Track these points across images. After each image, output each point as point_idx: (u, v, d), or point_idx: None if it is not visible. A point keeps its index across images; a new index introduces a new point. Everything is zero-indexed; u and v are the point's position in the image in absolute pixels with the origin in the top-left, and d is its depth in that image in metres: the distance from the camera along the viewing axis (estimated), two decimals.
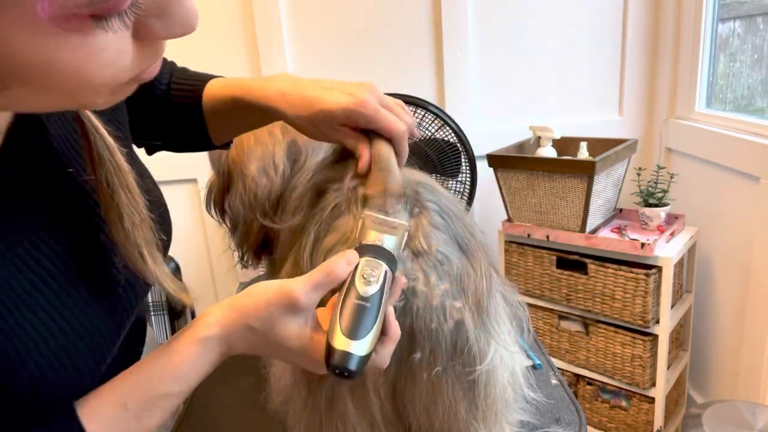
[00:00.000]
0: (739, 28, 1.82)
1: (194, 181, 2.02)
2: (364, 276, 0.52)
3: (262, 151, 0.97)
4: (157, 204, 0.60)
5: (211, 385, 0.99)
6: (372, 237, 0.56)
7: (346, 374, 0.48)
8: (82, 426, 0.48)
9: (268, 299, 0.51)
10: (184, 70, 0.81)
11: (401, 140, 0.64)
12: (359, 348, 0.48)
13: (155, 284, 0.56)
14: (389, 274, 0.53)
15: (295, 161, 1.00)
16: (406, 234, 0.58)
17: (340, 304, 0.51)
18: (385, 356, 0.53)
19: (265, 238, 1.01)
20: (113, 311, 0.55)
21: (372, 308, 0.50)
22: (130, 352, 0.68)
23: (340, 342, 0.48)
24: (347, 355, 0.48)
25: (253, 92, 0.70)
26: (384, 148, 0.63)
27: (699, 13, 1.85)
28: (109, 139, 0.52)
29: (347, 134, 0.66)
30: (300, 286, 0.51)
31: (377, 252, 0.54)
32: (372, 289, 0.51)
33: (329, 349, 0.49)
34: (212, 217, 1.07)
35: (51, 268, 0.50)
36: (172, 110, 0.77)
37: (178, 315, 1.99)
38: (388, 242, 0.56)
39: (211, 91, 0.76)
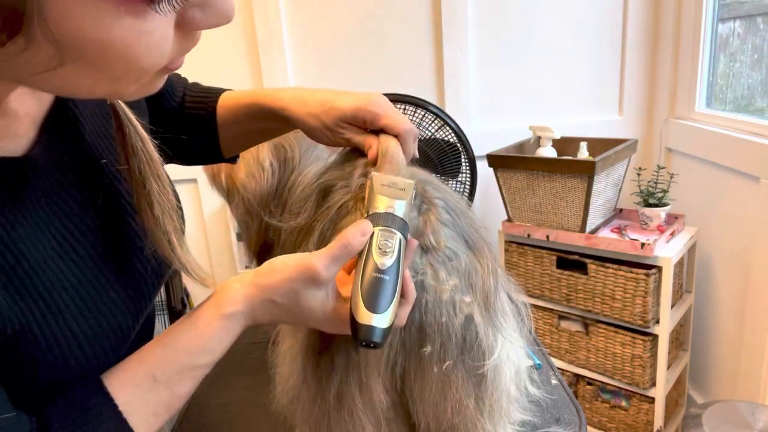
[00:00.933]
0: (739, 28, 1.82)
1: (194, 181, 2.02)
2: (380, 247, 0.53)
3: (247, 158, 1.02)
4: (175, 194, 0.63)
5: (211, 385, 0.99)
6: (383, 204, 0.56)
7: (372, 345, 0.50)
8: (111, 397, 0.50)
9: (290, 275, 0.52)
10: (196, 84, 0.84)
11: (408, 137, 0.67)
12: (382, 320, 0.50)
13: (182, 270, 0.58)
14: (403, 241, 0.54)
15: (285, 160, 1.02)
16: (414, 192, 0.59)
17: (360, 276, 0.52)
18: (403, 318, 0.55)
19: (264, 240, 1.04)
20: (136, 295, 0.57)
21: (390, 279, 0.52)
22: (140, 341, 0.70)
23: (364, 316, 0.50)
24: (372, 328, 0.50)
25: (269, 97, 0.73)
26: (391, 142, 0.65)
27: (699, 13, 1.85)
28: (142, 131, 0.55)
29: (354, 131, 0.68)
30: (320, 260, 0.52)
31: (390, 220, 0.55)
32: (389, 261, 0.52)
33: (354, 324, 0.50)
34: (219, 194, 1.12)
35: (83, 252, 0.52)
36: (185, 122, 0.79)
37: (178, 315, 1.99)
38: (399, 207, 0.56)
39: (225, 101, 0.79)
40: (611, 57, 2.02)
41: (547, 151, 1.81)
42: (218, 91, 0.81)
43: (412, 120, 1.84)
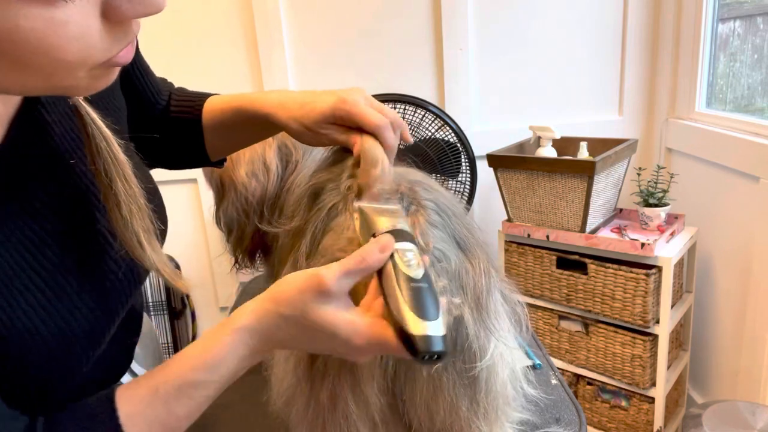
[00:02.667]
0: (739, 28, 1.82)
1: (194, 181, 2.02)
2: (405, 261, 0.51)
3: (251, 155, 1.00)
4: (153, 193, 0.63)
5: None
6: (386, 223, 0.55)
7: (436, 357, 0.47)
8: (115, 407, 0.50)
9: (299, 286, 0.51)
10: (182, 89, 0.84)
11: (382, 132, 0.66)
12: (438, 328, 0.48)
13: (153, 270, 0.57)
14: (419, 253, 0.54)
15: (288, 162, 1.01)
16: (403, 211, 0.58)
17: (398, 291, 0.50)
18: None
19: (262, 242, 1.03)
20: (109, 297, 0.57)
21: (429, 287, 0.50)
22: (124, 340, 0.70)
23: (419, 327, 0.47)
24: (431, 338, 0.47)
25: (252, 102, 0.73)
26: (369, 141, 0.65)
27: (699, 13, 1.85)
28: (106, 131, 0.54)
29: (336, 131, 0.68)
30: (330, 273, 0.51)
31: (402, 236, 0.54)
32: (420, 271, 0.51)
33: (409, 339, 0.48)
34: (220, 229, 1.10)
35: (48, 252, 0.52)
36: (171, 127, 0.80)
37: (178, 315, 2.00)
38: (401, 224, 0.56)
39: (211, 105, 0.79)
40: (611, 57, 2.02)
41: (547, 151, 1.81)
42: (204, 96, 0.81)
43: (412, 120, 1.84)
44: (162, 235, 0.67)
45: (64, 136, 0.57)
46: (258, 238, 1.02)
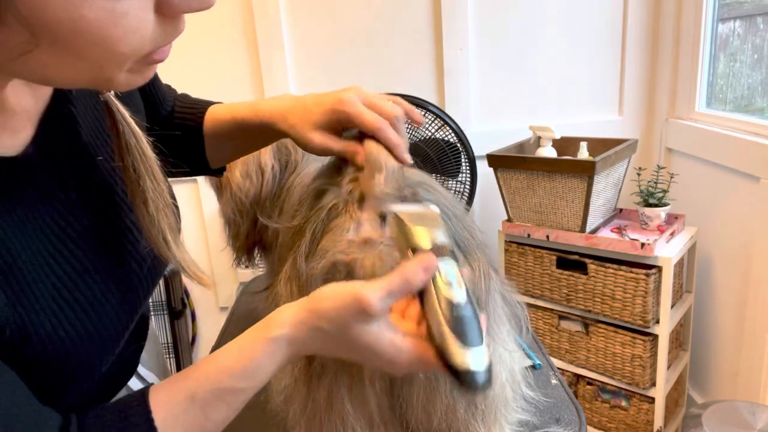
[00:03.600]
0: (739, 28, 1.82)
1: (194, 180, 2.02)
2: (446, 282, 0.49)
3: (247, 158, 1.00)
4: (171, 191, 0.63)
5: None
6: (425, 236, 0.52)
7: (481, 389, 0.46)
8: (150, 412, 0.49)
9: (342, 303, 0.49)
10: (185, 95, 0.84)
11: (383, 133, 0.65)
12: (480, 359, 0.46)
13: (179, 267, 0.57)
14: (458, 269, 0.52)
15: (287, 162, 1.02)
16: (441, 215, 0.56)
17: (440, 317, 0.48)
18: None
19: (259, 240, 1.04)
20: (131, 296, 0.57)
21: (471, 313, 0.48)
22: (133, 343, 0.69)
23: (462, 359, 0.46)
24: (473, 374, 0.46)
25: (252, 112, 0.72)
26: (372, 146, 0.63)
27: (699, 13, 1.85)
28: (136, 128, 0.55)
29: (332, 140, 0.67)
30: (374, 293, 0.49)
31: (442, 252, 0.52)
32: (462, 294, 0.49)
33: (454, 371, 0.46)
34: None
35: (76, 250, 0.52)
36: (170, 136, 0.79)
37: (178, 315, 1.99)
38: (441, 236, 0.53)
39: (213, 114, 0.78)
40: (611, 57, 2.02)
41: (547, 151, 1.81)
42: (206, 104, 0.80)
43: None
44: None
45: (92, 133, 0.57)
46: (253, 237, 1.03)
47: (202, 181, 1.98)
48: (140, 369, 0.78)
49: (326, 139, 0.67)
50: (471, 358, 0.46)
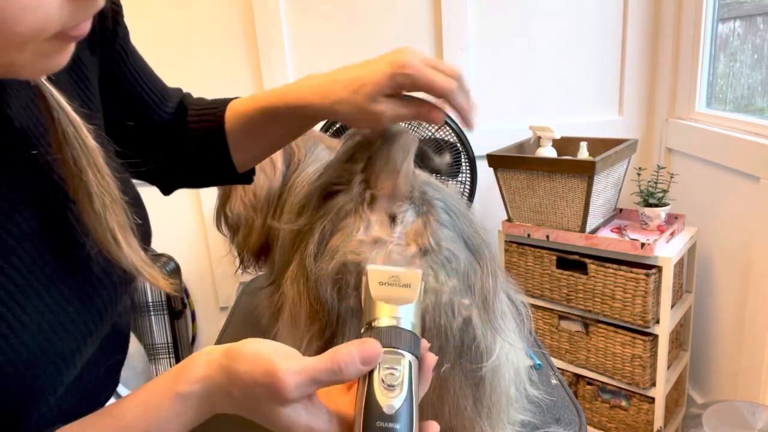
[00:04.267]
0: (739, 28, 1.82)
1: None
2: (384, 380, 0.41)
3: None
4: (126, 185, 0.56)
5: None
6: (385, 314, 0.44)
7: None
8: None
9: (256, 377, 0.42)
10: (200, 99, 0.76)
11: (455, 96, 0.59)
12: None
13: (130, 270, 0.51)
14: (414, 363, 0.42)
15: (290, 161, 1.00)
16: (423, 285, 0.47)
17: (360, 425, 0.40)
18: None
19: (265, 240, 1.02)
20: (91, 299, 0.52)
21: (402, 429, 0.40)
22: (106, 361, 0.63)
23: None
24: None
25: (285, 96, 0.64)
26: (394, 148, 0.61)
27: (699, 13, 1.85)
28: (74, 115, 0.49)
29: (399, 104, 0.60)
30: (293, 376, 0.41)
31: (395, 338, 0.43)
32: (397, 401, 0.40)
33: None
34: (220, 231, 1.07)
35: (22, 255, 0.47)
36: (190, 141, 0.72)
37: (178, 315, 1.99)
38: (406, 315, 0.44)
39: (235, 109, 0.71)
40: (611, 57, 2.02)
41: (547, 151, 1.81)
42: (224, 102, 0.72)
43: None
44: (144, 233, 0.60)
45: (27, 124, 0.51)
46: (264, 237, 0.99)
47: None
48: (121, 389, 0.71)
49: (397, 107, 0.60)
50: None
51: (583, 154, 1.76)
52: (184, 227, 2.09)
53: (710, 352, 1.85)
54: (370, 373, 0.41)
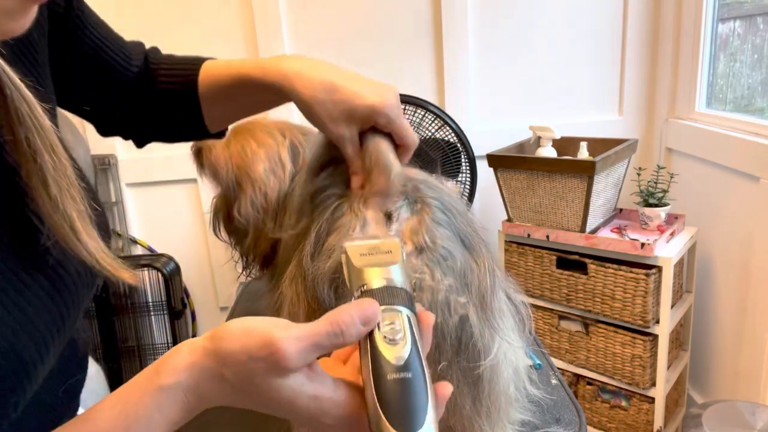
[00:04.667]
0: (739, 28, 1.82)
1: (194, 181, 2.02)
2: (387, 336, 0.39)
3: (267, 152, 0.96)
4: (80, 171, 0.52)
5: None
6: (375, 276, 0.43)
7: None
8: None
9: (248, 349, 0.39)
10: (170, 55, 0.75)
11: (410, 151, 0.63)
12: None
13: (90, 261, 0.46)
14: (413, 318, 0.41)
15: (294, 163, 1.00)
16: (403, 249, 0.46)
17: (373, 385, 0.38)
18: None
19: (275, 244, 0.99)
20: (48, 301, 0.46)
21: (415, 377, 0.38)
22: (65, 379, 0.57)
23: None
24: None
25: (266, 70, 0.64)
26: (383, 146, 0.62)
27: (699, 13, 1.85)
28: (28, 93, 0.45)
29: (356, 144, 0.62)
30: (293, 343, 0.38)
31: (389, 295, 0.42)
32: (405, 351, 0.38)
33: None
34: (218, 237, 1.05)
35: None
36: (161, 97, 0.71)
37: (178, 315, 1.99)
38: (396, 274, 0.43)
39: (209, 71, 0.70)
40: (611, 57, 2.02)
41: (547, 151, 1.81)
42: (197, 61, 0.71)
43: (412, 120, 1.84)
44: (102, 224, 0.54)
45: None
46: (274, 241, 0.97)
47: (202, 182, 1.98)
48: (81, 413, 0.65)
49: (356, 141, 0.62)
50: None
51: (583, 154, 1.76)
52: (184, 227, 2.09)
53: (710, 352, 1.85)
54: (371, 334, 0.40)
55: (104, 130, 0.74)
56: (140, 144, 0.78)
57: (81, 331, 0.61)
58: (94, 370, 0.68)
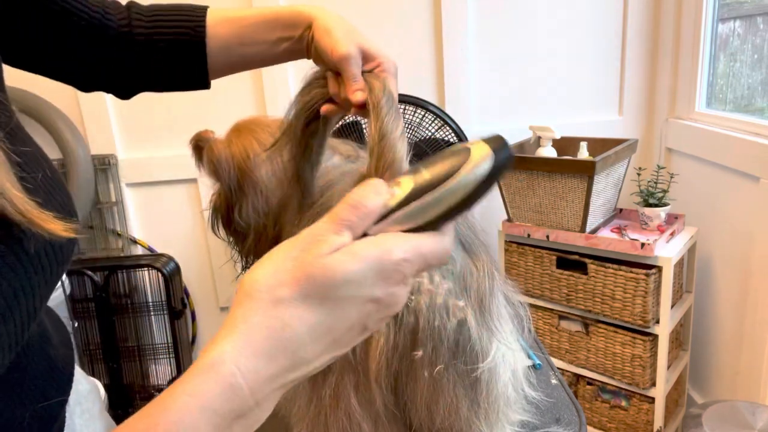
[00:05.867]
0: (739, 28, 1.82)
1: (194, 181, 2.02)
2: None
3: (269, 155, 0.95)
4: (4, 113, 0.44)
5: None
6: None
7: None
8: None
9: (291, 273, 0.34)
10: (156, 6, 0.70)
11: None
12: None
13: (16, 217, 0.36)
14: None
15: None
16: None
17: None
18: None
19: (274, 245, 0.99)
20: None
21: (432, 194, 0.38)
22: (36, 397, 0.46)
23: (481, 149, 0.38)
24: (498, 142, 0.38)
25: (286, 8, 0.68)
26: (392, 138, 0.60)
27: (699, 13, 1.85)
28: None
29: (356, 63, 0.64)
30: (323, 226, 0.36)
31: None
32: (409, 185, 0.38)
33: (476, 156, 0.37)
34: (216, 235, 1.05)
35: None
36: (153, 49, 0.68)
37: (178, 315, 1.99)
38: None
39: (224, 15, 0.69)
40: (611, 57, 2.02)
41: (547, 151, 1.81)
42: (198, 13, 0.68)
43: (412, 120, 1.84)
44: (63, 199, 0.46)
45: None
46: (274, 243, 0.96)
47: (202, 182, 1.98)
48: None
49: (358, 61, 0.63)
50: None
51: (583, 154, 1.76)
52: (184, 227, 2.09)
53: (710, 352, 1.85)
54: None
55: (85, 87, 0.70)
56: (126, 96, 0.74)
57: (60, 347, 0.52)
58: (88, 388, 0.59)
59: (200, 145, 1.00)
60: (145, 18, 0.68)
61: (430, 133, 1.80)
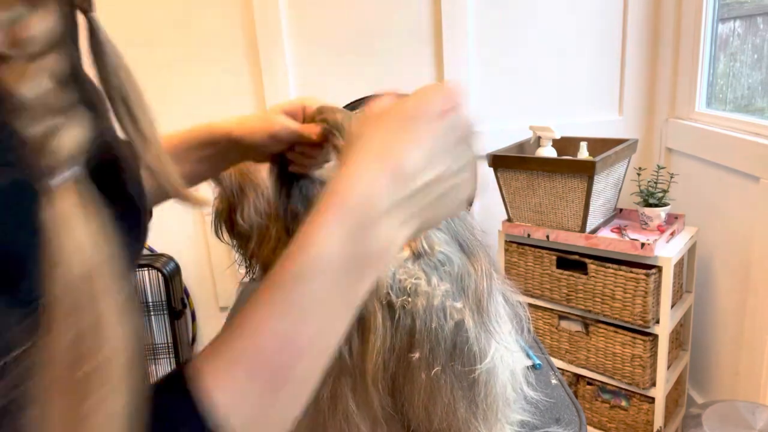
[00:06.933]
0: (739, 28, 1.82)
1: None
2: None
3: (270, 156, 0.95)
4: None
5: None
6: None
7: None
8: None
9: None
10: None
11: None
12: None
13: (168, 186, 0.46)
14: None
15: None
16: None
17: None
18: None
19: (277, 247, 0.99)
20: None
21: None
22: None
23: None
24: None
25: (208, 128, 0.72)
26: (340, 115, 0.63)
27: (699, 13, 1.85)
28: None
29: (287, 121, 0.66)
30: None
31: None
32: None
33: None
34: (220, 239, 1.05)
35: None
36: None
37: (178, 315, 2.00)
38: None
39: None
40: (611, 57, 2.02)
41: (547, 151, 1.81)
42: None
43: None
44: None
45: None
46: (277, 244, 0.97)
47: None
48: None
49: (285, 118, 0.66)
50: None
51: (583, 154, 1.76)
52: (184, 227, 2.09)
53: (710, 352, 1.85)
54: None
55: None
56: None
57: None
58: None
59: None
60: None
61: None
